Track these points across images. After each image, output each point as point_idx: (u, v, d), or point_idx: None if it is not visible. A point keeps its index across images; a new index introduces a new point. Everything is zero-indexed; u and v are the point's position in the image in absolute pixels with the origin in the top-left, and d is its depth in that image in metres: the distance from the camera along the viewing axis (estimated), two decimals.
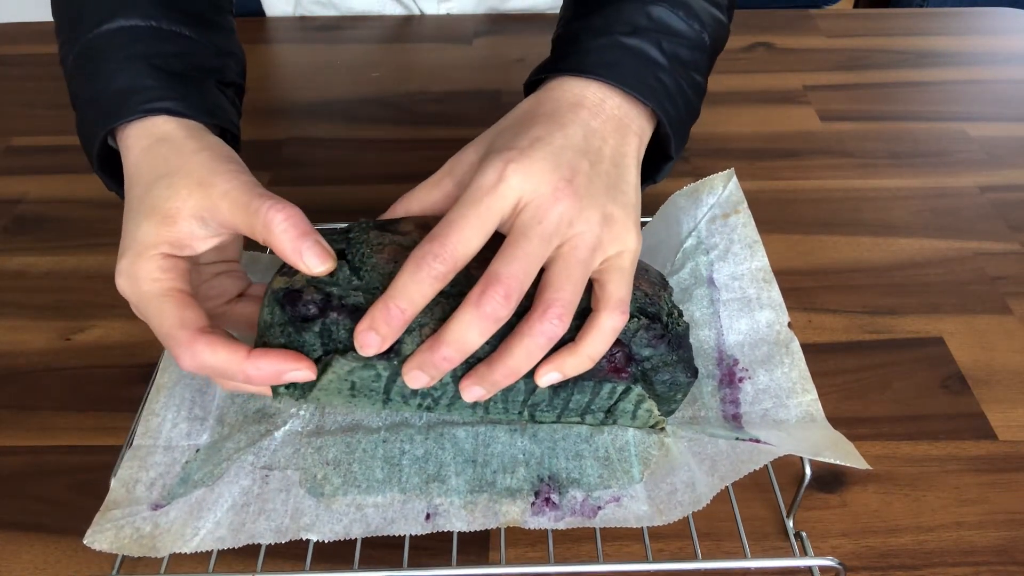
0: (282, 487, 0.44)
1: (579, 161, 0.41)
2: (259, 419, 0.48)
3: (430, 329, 0.40)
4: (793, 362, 0.49)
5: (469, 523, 0.43)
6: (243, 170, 0.42)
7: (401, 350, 0.41)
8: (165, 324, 0.39)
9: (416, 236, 0.43)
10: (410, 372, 0.40)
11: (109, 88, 0.44)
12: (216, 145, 0.43)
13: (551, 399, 0.45)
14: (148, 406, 0.48)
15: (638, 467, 0.45)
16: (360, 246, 0.42)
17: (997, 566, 0.45)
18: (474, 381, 0.41)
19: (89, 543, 0.41)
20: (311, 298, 0.40)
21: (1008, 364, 0.56)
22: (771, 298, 0.52)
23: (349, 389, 0.43)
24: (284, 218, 0.38)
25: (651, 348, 0.44)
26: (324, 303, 0.40)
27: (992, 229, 0.67)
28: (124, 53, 0.44)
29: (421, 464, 0.45)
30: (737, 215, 0.56)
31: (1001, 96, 0.84)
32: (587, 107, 0.43)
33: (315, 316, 0.40)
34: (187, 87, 0.45)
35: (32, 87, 0.87)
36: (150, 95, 0.43)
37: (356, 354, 0.40)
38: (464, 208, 0.38)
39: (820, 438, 0.44)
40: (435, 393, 0.44)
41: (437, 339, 0.39)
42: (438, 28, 0.97)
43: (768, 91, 0.85)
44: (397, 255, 0.41)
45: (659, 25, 0.46)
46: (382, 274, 0.41)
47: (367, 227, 0.44)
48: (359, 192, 0.72)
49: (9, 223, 0.69)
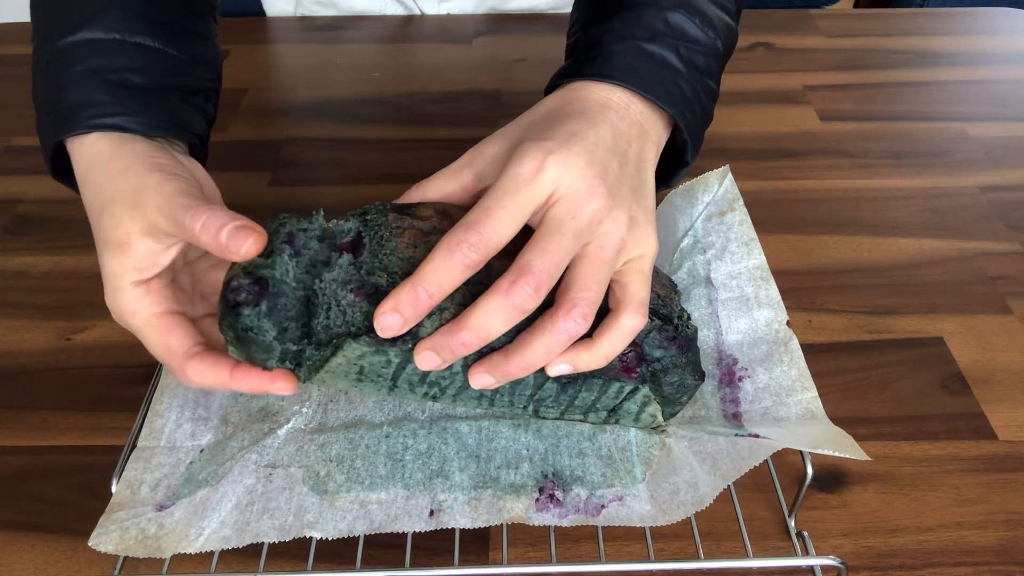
0: (286, 485, 0.44)
1: (610, 160, 0.41)
2: (262, 417, 0.48)
3: (451, 314, 0.40)
4: (792, 360, 0.49)
5: (473, 520, 0.43)
6: (169, 177, 0.41)
7: (419, 333, 0.40)
8: (156, 351, 0.41)
9: (435, 222, 0.42)
10: (423, 352, 0.39)
11: (64, 100, 0.44)
12: (141, 157, 0.42)
13: (557, 395, 0.45)
14: (152, 407, 0.48)
15: (640, 467, 0.45)
16: (379, 228, 0.42)
17: (997, 566, 0.45)
18: (486, 369, 0.41)
19: (94, 546, 0.41)
20: (238, 284, 0.39)
21: (1008, 364, 0.56)
22: (769, 296, 0.52)
23: (357, 373, 0.42)
24: (203, 221, 0.38)
25: (662, 349, 0.44)
26: (258, 288, 0.39)
27: (992, 229, 0.67)
28: (82, 67, 0.45)
29: (424, 459, 0.45)
30: (733, 213, 0.56)
31: (1001, 96, 0.84)
32: (615, 109, 0.43)
33: (248, 302, 0.39)
34: (141, 101, 0.45)
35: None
36: (100, 110, 0.43)
37: (369, 339, 0.40)
38: (501, 196, 0.38)
39: (820, 433, 0.44)
40: (443, 382, 0.43)
41: (458, 323, 0.38)
42: (438, 28, 0.97)
43: (768, 91, 0.85)
44: (417, 240, 0.41)
45: (677, 31, 0.46)
46: (401, 258, 0.40)
47: (385, 209, 0.43)
48: (359, 192, 0.72)
49: (9, 223, 0.69)
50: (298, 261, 0.40)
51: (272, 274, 0.39)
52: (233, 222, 0.38)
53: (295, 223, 0.41)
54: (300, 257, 0.40)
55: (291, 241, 0.40)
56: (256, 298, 0.39)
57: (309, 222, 0.41)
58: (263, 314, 0.39)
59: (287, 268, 0.40)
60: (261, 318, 0.39)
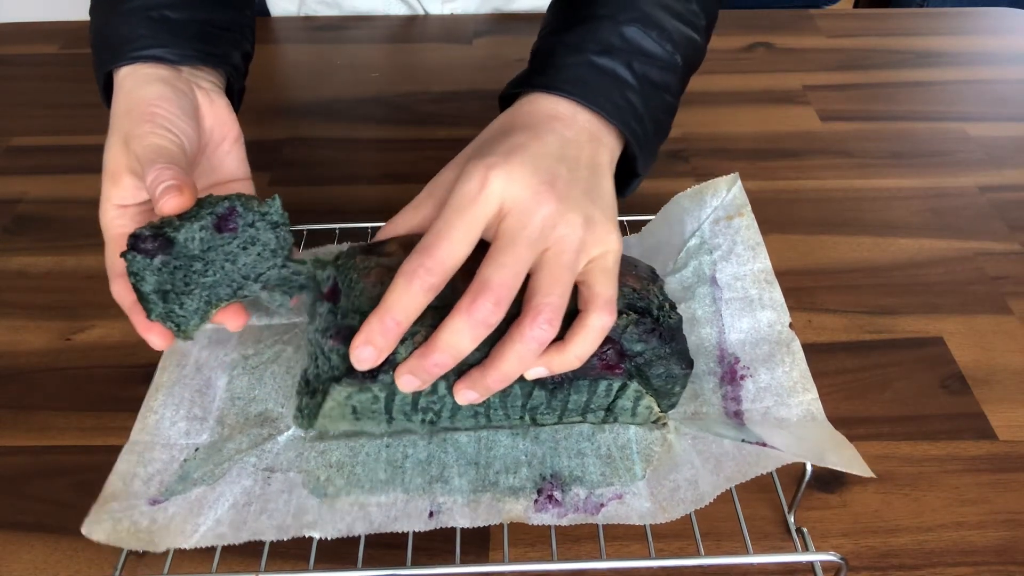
0: (284, 488, 0.44)
1: (557, 167, 0.42)
2: (261, 422, 0.48)
3: (422, 336, 0.41)
4: (794, 361, 0.49)
5: (472, 520, 0.43)
6: (154, 129, 0.45)
7: (396, 360, 0.41)
8: (106, 261, 0.46)
9: (400, 256, 0.43)
10: (402, 376, 0.40)
11: (112, 35, 0.49)
12: (145, 104, 0.46)
13: (549, 401, 0.45)
14: (146, 403, 0.49)
15: (640, 464, 0.45)
16: (348, 271, 0.44)
17: (997, 566, 0.45)
18: (467, 385, 0.41)
19: (87, 533, 0.41)
20: (140, 231, 0.41)
21: (1008, 364, 0.56)
22: (773, 299, 0.53)
23: (352, 413, 0.45)
24: (153, 175, 0.42)
25: (643, 343, 0.44)
26: (155, 242, 0.41)
27: (992, 229, 0.67)
28: (128, 6, 0.50)
29: (424, 466, 0.46)
30: (741, 218, 0.56)
31: (1001, 96, 0.84)
32: (561, 119, 0.44)
33: (139, 249, 0.41)
34: (177, 35, 0.49)
35: (32, 87, 0.87)
36: (141, 43, 0.48)
37: (350, 379, 0.42)
38: (449, 217, 0.39)
39: (824, 440, 0.44)
40: (435, 407, 0.45)
41: (429, 345, 0.39)
42: (438, 28, 0.97)
43: (768, 91, 0.85)
44: (383, 276, 0.42)
45: (631, 46, 0.47)
46: (370, 297, 0.42)
47: (354, 252, 0.45)
48: (359, 192, 0.72)
49: (9, 223, 0.69)
50: (224, 237, 0.42)
51: (174, 236, 0.41)
52: (170, 181, 0.41)
53: (246, 204, 0.42)
54: (235, 236, 0.42)
55: (228, 216, 0.42)
56: (150, 249, 0.41)
57: (267, 206, 0.43)
58: (149, 266, 0.41)
59: (194, 237, 0.41)
60: (144, 269, 0.41)
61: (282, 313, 0.51)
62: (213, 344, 0.52)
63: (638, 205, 0.69)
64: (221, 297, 0.43)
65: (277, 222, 0.43)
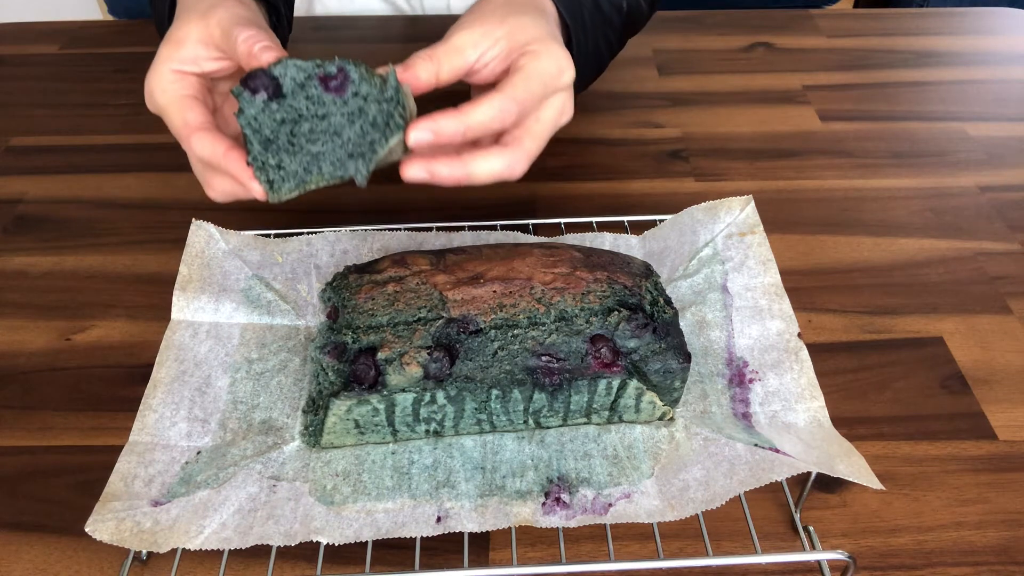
0: (291, 496, 0.44)
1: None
2: (265, 430, 0.48)
3: (410, 358, 0.43)
4: (802, 369, 0.50)
5: (480, 524, 0.43)
6: (241, 3, 0.48)
7: (387, 382, 0.43)
8: (174, 124, 0.46)
9: (392, 273, 0.47)
10: (410, 167, 0.43)
11: None
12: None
13: (551, 403, 0.45)
14: (145, 401, 0.49)
15: (647, 462, 0.46)
16: (342, 291, 0.47)
17: (997, 566, 0.45)
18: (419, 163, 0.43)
19: (91, 532, 0.41)
20: (255, 72, 0.42)
21: (1008, 364, 0.56)
22: (782, 310, 0.53)
23: (355, 428, 0.45)
24: (247, 34, 0.44)
25: (636, 339, 0.44)
26: (270, 81, 0.42)
27: (992, 229, 0.67)
28: None
29: (431, 472, 0.46)
30: (753, 235, 0.57)
31: (1001, 96, 0.84)
32: None
33: (255, 88, 0.41)
34: None
35: (32, 87, 0.87)
36: None
37: (347, 393, 0.43)
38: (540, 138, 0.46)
39: (832, 448, 0.45)
40: (436, 416, 0.45)
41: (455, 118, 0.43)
42: (439, 28, 0.97)
43: (768, 91, 0.85)
44: (373, 292, 0.46)
45: None
46: (361, 312, 0.45)
47: (346, 272, 0.49)
48: (359, 192, 0.72)
49: (9, 223, 0.69)
50: (332, 99, 0.42)
51: (284, 81, 0.41)
52: (267, 42, 0.43)
53: (357, 67, 0.42)
54: (344, 100, 0.42)
55: (336, 77, 0.42)
56: (265, 86, 0.41)
57: (380, 78, 0.42)
58: (257, 105, 0.41)
59: (302, 86, 0.41)
60: (252, 108, 0.41)
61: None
62: (213, 340, 0.52)
63: (638, 205, 0.69)
64: (323, 172, 0.42)
65: (391, 97, 0.41)
